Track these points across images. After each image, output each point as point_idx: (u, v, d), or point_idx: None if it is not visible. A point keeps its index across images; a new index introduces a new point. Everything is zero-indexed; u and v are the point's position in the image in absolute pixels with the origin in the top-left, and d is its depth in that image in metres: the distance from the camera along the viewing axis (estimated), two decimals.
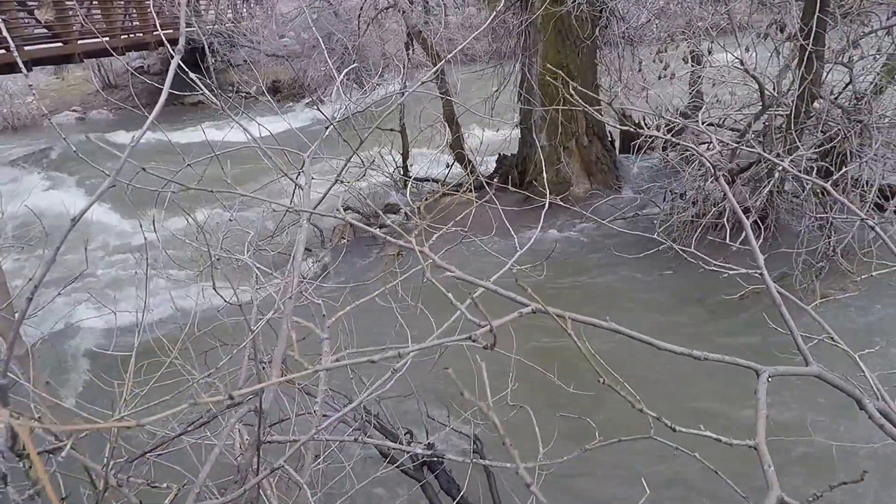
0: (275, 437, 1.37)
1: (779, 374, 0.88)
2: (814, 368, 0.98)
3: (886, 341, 4.95)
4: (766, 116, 7.04)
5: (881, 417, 0.95)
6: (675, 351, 0.87)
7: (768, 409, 0.99)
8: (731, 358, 0.90)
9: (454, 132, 8.75)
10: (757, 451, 0.64)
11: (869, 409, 0.98)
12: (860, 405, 0.99)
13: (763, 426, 0.70)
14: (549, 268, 7.05)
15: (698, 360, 0.87)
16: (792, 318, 1.82)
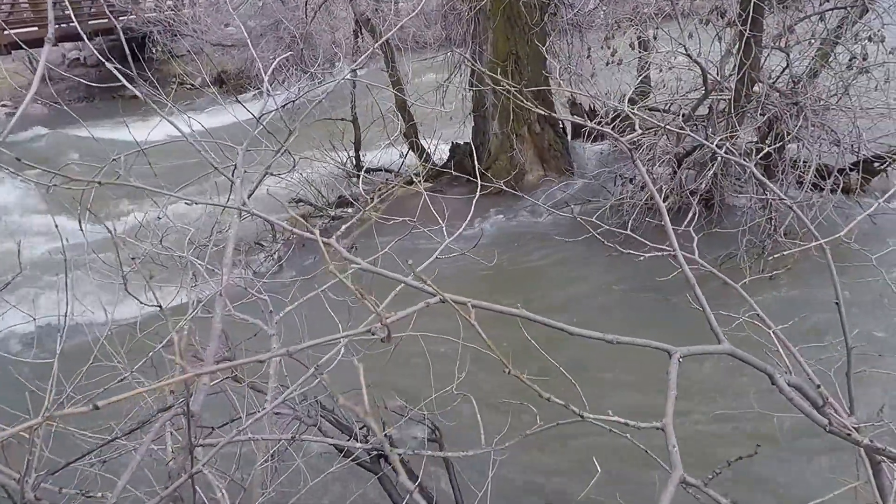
0: (207, 441, 1.31)
1: (691, 353, 0.88)
2: (726, 346, 0.99)
3: (810, 317, 5.16)
4: (710, 101, 7.24)
5: (791, 391, 0.98)
6: (588, 335, 0.86)
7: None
8: (643, 340, 0.90)
9: (407, 121, 8.66)
10: (664, 432, 0.63)
11: (779, 383, 1.00)
12: (772, 380, 1.01)
13: (671, 407, 0.70)
14: (501, 255, 7.09)
15: (611, 343, 0.86)
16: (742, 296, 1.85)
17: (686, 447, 1.65)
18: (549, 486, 4.21)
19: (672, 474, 0.57)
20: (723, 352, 0.98)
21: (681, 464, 0.58)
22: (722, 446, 4.25)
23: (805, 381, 1.22)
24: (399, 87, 8.52)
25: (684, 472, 0.58)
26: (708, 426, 4.40)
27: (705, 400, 4.58)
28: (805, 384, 1.20)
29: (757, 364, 1.05)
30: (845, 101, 6.76)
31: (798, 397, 0.99)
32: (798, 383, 1.16)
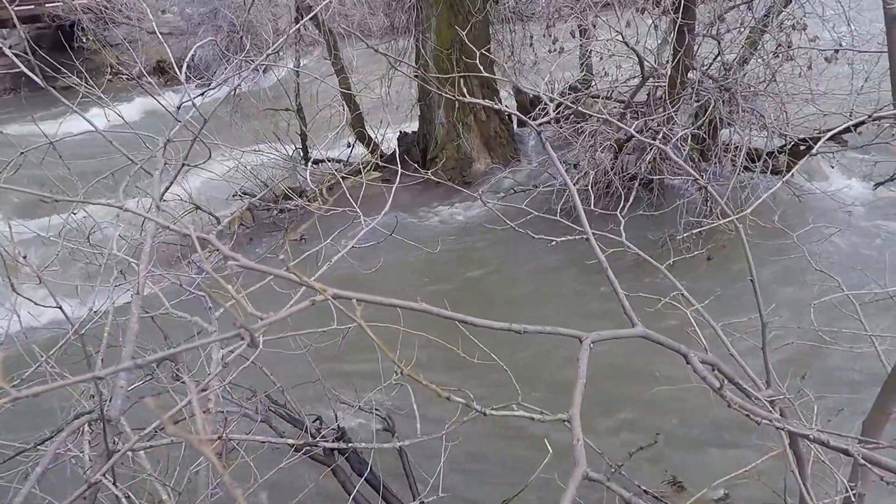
0: (126, 446, 1.29)
1: (602, 339, 0.93)
2: (638, 329, 1.05)
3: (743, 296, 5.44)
4: (648, 88, 7.46)
5: (703, 370, 1.04)
6: (494, 327, 0.89)
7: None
8: (552, 328, 0.94)
9: (353, 111, 8.57)
10: (570, 424, 0.66)
11: (693, 363, 1.06)
12: (686, 359, 1.08)
13: (579, 396, 0.73)
14: (446, 246, 7.15)
15: (518, 333, 0.90)
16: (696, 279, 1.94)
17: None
18: (503, 475, 4.30)
19: (575, 470, 0.60)
20: (635, 335, 1.04)
21: (584, 459, 0.62)
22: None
23: (720, 360, 1.30)
24: (343, 76, 8.41)
25: (588, 468, 0.61)
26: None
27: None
28: (720, 362, 1.28)
29: (670, 345, 1.11)
30: (773, 88, 7.10)
31: (711, 376, 1.06)
32: (713, 361, 1.23)
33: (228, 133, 8.26)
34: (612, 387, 4.88)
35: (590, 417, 4.69)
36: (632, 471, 4.00)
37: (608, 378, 4.96)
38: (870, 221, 6.56)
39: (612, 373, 4.96)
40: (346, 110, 8.37)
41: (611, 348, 5.07)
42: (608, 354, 5.07)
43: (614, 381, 4.92)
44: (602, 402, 4.76)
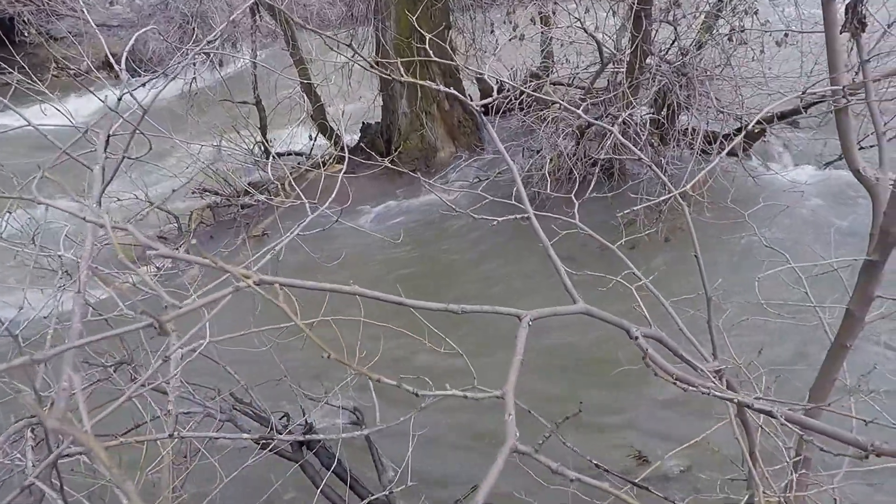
0: (73, 449, 1.24)
1: (542, 316, 0.93)
2: (580, 306, 1.05)
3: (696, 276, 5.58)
4: (608, 74, 7.54)
5: (645, 343, 1.05)
6: (431, 308, 0.89)
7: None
8: (490, 307, 0.94)
9: (314, 102, 8.43)
10: (504, 399, 0.66)
11: (638, 339, 1.08)
12: (628, 334, 1.09)
13: (515, 374, 0.73)
14: (413, 236, 7.13)
15: (457, 313, 0.89)
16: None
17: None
18: (473, 462, 4.33)
19: (505, 444, 0.61)
20: (577, 311, 1.04)
21: (515, 433, 0.62)
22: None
23: (665, 334, 1.32)
24: (303, 67, 8.26)
25: (517, 441, 0.61)
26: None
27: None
28: (664, 336, 1.29)
29: (612, 320, 1.12)
30: (728, 72, 7.25)
31: (651, 350, 1.07)
32: (657, 335, 1.25)
33: (185, 128, 8.03)
34: (581, 369, 4.96)
35: (558, 398, 4.75)
36: (596, 447, 4.09)
37: (579, 362, 5.03)
38: (820, 199, 6.79)
39: (580, 358, 5.05)
40: (306, 102, 8.22)
41: (585, 333, 5.15)
42: (582, 337, 5.15)
43: (583, 365, 5.00)
44: (572, 385, 4.83)
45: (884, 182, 1.54)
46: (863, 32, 1.83)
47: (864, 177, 1.62)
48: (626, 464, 3.76)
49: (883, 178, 1.55)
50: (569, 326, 5.16)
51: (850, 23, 1.85)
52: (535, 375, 5.03)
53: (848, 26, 1.86)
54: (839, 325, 1.80)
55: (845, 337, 1.76)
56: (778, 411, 0.98)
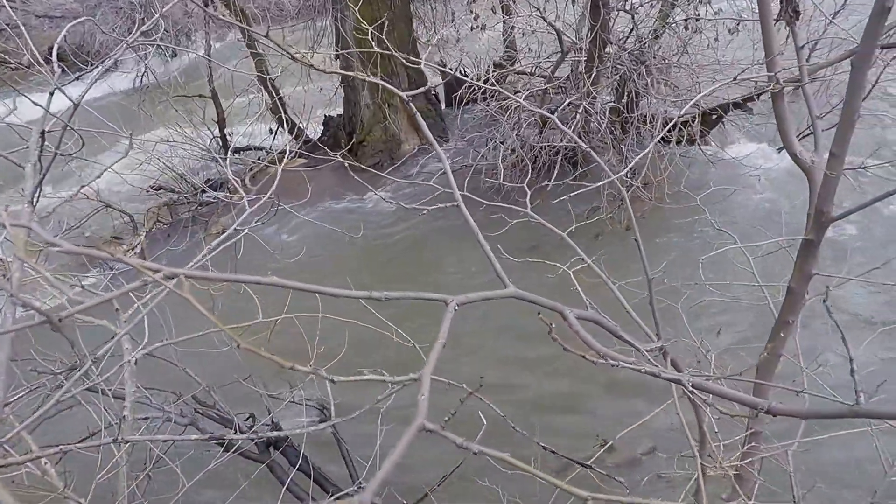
0: (10, 460, 1.17)
1: (469, 301, 0.91)
2: (510, 290, 1.04)
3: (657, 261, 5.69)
4: (570, 63, 7.58)
5: (577, 324, 1.05)
6: (353, 295, 0.86)
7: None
8: (415, 293, 0.92)
9: (273, 96, 8.23)
10: (420, 381, 0.65)
11: (570, 320, 1.07)
12: (563, 316, 1.09)
13: (435, 356, 0.72)
14: (374, 230, 7.07)
15: (380, 300, 0.87)
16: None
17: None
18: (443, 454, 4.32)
19: (413, 422, 0.60)
20: (506, 295, 1.02)
21: (425, 412, 0.61)
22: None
23: (603, 316, 1.32)
24: (260, 58, 8.05)
25: (425, 421, 0.60)
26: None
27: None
28: (601, 318, 1.29)
29: (544, 303, 1.11)
30: (685, 59, 7.38)
31: (582, 330, 1.07)
32: (593, 317, 1.25)
33: (137, 124, 7.74)
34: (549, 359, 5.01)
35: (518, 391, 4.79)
36: (564, 435, 4.14)
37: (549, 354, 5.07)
38: (774, 183, 6.99)
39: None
40: (264, 95, 8.03)
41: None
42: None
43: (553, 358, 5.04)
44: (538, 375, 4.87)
45: (818, 165, 1.58)
46: (797, 21, 1.87)
47: (800, 160, 1.65)
48: (591, 452, 3.83)
49: (818, 161, 1.59)
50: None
51: (785, 12, 1.89)
52: (505, 368, 5.06)
53: (783, 15, 1.90)
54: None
55: (787, 313, 1.81)
56: (686, 380, 1.00)
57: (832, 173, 1.59)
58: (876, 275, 2.16)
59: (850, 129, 1.55)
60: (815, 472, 3.10)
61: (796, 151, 1.75)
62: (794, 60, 2.00)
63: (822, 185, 1.65)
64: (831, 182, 1.63)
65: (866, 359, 3.87)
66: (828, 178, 1.62)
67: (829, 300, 1.67)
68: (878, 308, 5.00)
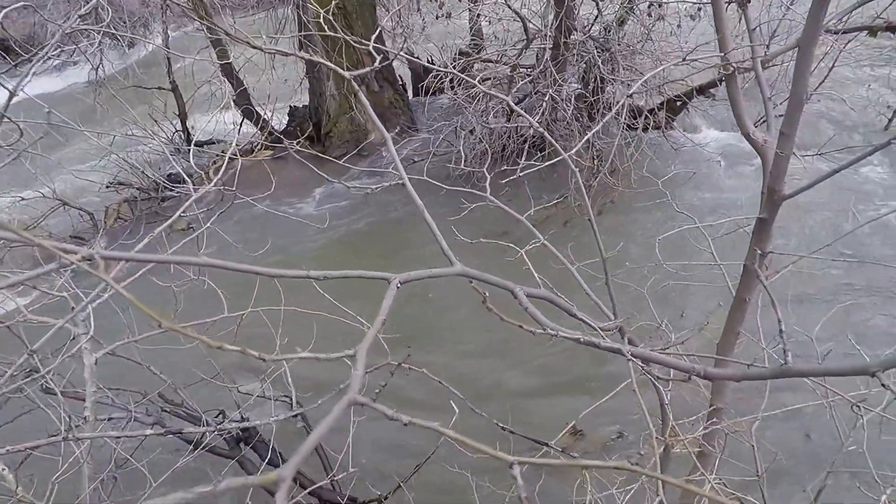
0: None
1: (412, 279, 0.91)
2: (457, 268, 1.03)
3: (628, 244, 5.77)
4: (536, 50, 7.59)
5: (527, 302, 1.06)
6: (288, 275, 0.84)
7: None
8: (356, 272, 0.90)
9: (236, 87, 8.05)
10: (355, 357, 0.64)
11: (520, 297, 1.08)
12: (513, 294, 1.09)
13: (373, 333, 0.71)
14: (345, 220, 7.01)
15: (319, 279, 0.85)
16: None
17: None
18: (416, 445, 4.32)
19: (347, 395, 0.59)
20: (451, 273, 1.01)
21: (357, 386, 0.60)
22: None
23: (558, 295, 1.32)
24: (221, 48, 7.86)
25: (356, 394, 0.59)
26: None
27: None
28: (553, 296, 1.29)
29: (494, 281, 1.10)
30: (649, 46, 7.45)
31: (531, 306, 1.07)
32: (545, 295, 1.25)
33: (93, 118, 7.51)
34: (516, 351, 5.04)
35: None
36: (541, 421, 4.18)
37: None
38: (734, 167, 7.13)
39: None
40: (227, 86, 7.84)
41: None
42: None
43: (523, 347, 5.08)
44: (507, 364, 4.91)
45: (770, 144, 1.61)
46: (748, 3, 1.90)
47: (753, 140, 1.68)
48: (565, 439, 3.88)
49: (770, 140, 1.62)
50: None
51: None
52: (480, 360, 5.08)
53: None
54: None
55: (744, 291, 1.85)
56: (626, 350, 1.02)
57: (783, 152, 1.62)
58: (827, 252, 2.22)
59: (799, 109, 1.58)
60: (777, 447, 3.19)
61: (750, 132, 1.78)
62: (757, 46, 2.03)
63: (774, 164, 1.68)
64: (782, 161, 1.67)
65: (838, 330, 3.99)
66: (779, 157, 1.65)
67: (793, 275, 1.71)
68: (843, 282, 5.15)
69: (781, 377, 0.99)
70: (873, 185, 6.68)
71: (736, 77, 1.82)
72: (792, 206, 6.32)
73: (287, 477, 0.47)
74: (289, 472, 0.47)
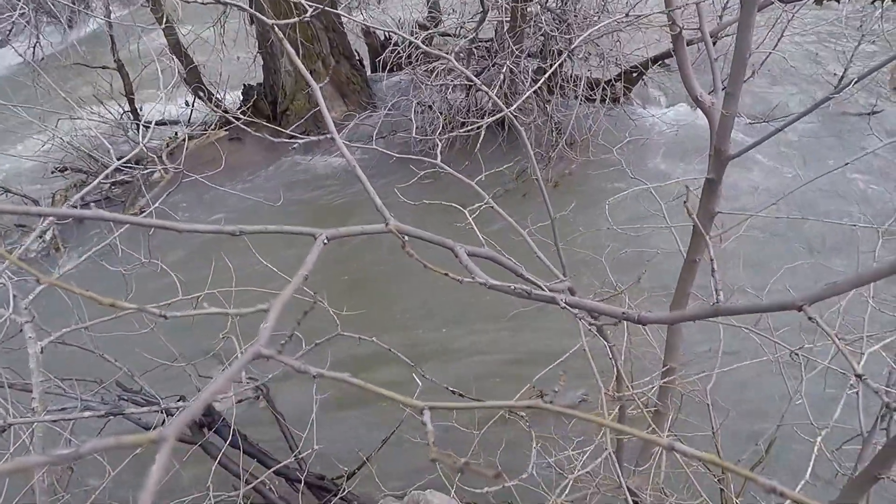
0: None
1: (340, 235, 0.89)
2: (391, 224, 1.02)
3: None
4: (495, 23, 7.52)
5: (468, 260, 1.05)
6: (199, 230, 0.82)
7: None
8: (276, 227, 0.88)
9: (186, 65, 7.75)
10: (268, 312, 0.63)
11: (460, 255, 1.07)
12: (454, 252, 1.08)
13: (292, 289, 0.70)
14: (305, 196, 6.90)
15: (235, 234, 0.83)
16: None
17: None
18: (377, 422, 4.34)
19: (252, 348, 0.58)
20: (384, 231, 1.00)
21: (265, 340, 0.58)
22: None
23: (505, 256, 1.31)
24: (169, 25, 7.53)
25: (261, 347, 0.57)
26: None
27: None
28: (496, 255, 1.28)
29: (433, 239, 1.09)
30: (606, 18, 7.46)
31: (471, 264, 1.07)
32: (488, 254, 1.24)
33: (33, 100, 7.13)
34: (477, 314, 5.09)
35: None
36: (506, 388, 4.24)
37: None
38: (688, 137, 7.25)
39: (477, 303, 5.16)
40: (176, 65, 7.53)
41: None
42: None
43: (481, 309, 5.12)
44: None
45: (717, 106, 1.63)
46: None
47: (700, 101, 1.71)
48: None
49: (717, 102, 1.64)
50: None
51: None
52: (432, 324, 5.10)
53: None
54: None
55: (694, 252, 1.89)
56: (560, 298, 1.04)
57: (727, 112, 1.65)
58: (773, 210, 2.29)
59: (743, 67, 1.60)
60: (730, 405, 3.32)
61: (697, 94, 1.80)
62: (710, 13, 2.05)
63: (720, 125, 1.70)
64: (727, 121, 1.69)
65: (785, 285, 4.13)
66: (724, 116, 1.67)
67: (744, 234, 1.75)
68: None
69: (713, 316, 1.02)
70: (817, 147, 6.92)
71: (683, 38, 1.83)
72: (739, 166, 6.46)
73: (169, 436, 0.44)
74: (172, 431, 0.45)
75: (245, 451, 3.39)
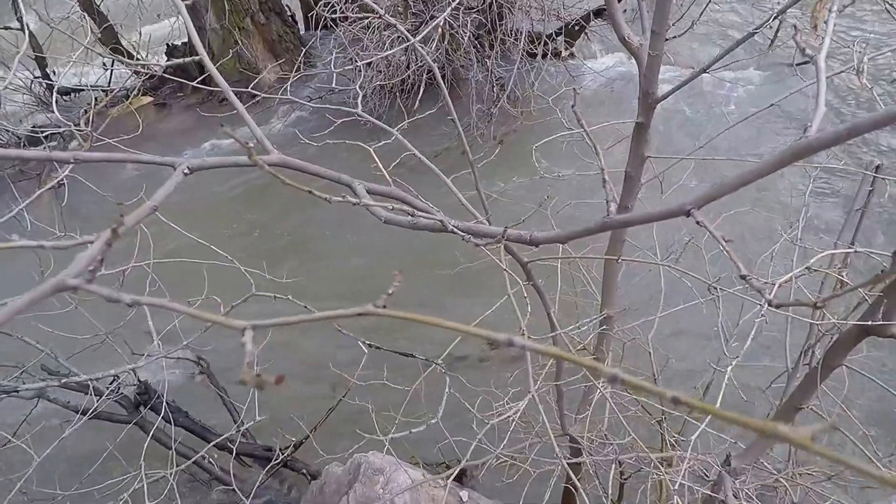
0: None
1: (205, 166, 0.82)
2: (273, 156, 0.96)
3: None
4: None
5: (366, 196, 1.02)
6: (11, 155, 0.72)
7: None
8: (121, 155, 0.80)
9: (100, 23, 7.16)
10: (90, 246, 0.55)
11: (357, 190, 1.03)
12: (352, 189, 1.04)
13: (137, 217, 0.63)
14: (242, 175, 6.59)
15: (70, 162, 0.74)
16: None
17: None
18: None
19: (55, 278, 0.51)
20: (270, 162, 0.93)
21: (73, 272, 0.51)
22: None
23: (415, 196, 1.26)
24: None
25: (68, 278, 0.50)
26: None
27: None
28: (404, 194, 1.23)
29: (328, 175, 1.04)
30: None
31: (367, 199, 1.02)
32: (390, 192, 1.19)
33: None
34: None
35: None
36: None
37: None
38: (626, 90, 7.28)
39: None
40: (88, 23, 6.95)
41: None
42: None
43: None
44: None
45: (645, 48, 1.58)
46: None
47: (628, 42, 1.65)
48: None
49: (645, 43, 1.59)
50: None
51: None
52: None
53: None
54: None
55: (627, 199, 1.87)
56: (449, 224, 1.01)
57: (654, 52, 1.59)
58: (701, 153, 2.30)
59: (668, 4, 1.54)
60: (669, 352, 3.42)
61: (625, 35, 1.74)
62: None
63: (647, 67, 1.65)
64: (655, 62, 1.64)
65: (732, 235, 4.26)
66: (651, 57, 1.62)
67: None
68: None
69: (604, 230, 1.00)
70: (758, 101, 7.10)
71: None
72: (671, 111, 6.53)
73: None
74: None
75: (184, 427, 3.28)
